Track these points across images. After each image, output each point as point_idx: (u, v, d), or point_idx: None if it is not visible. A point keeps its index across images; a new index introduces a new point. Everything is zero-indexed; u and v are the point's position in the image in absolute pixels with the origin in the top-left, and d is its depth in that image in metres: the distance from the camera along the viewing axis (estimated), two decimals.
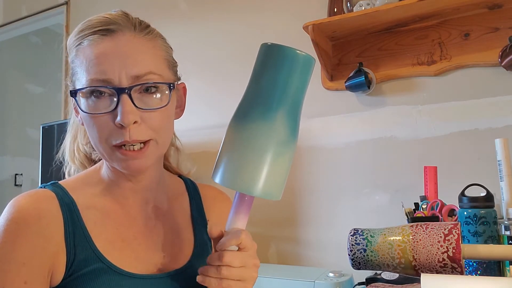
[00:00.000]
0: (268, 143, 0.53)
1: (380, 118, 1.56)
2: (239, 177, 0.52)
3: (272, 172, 0.53)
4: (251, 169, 0.52)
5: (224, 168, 0.54)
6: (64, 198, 0.64)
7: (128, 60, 0.60)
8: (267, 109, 0.53)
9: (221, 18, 1.94)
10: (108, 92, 0.60)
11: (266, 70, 0.55)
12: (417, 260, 0.66)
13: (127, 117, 0.58)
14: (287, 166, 0.55)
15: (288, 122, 0.54)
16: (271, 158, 0.53)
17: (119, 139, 0.60)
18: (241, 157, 0.53)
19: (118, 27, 0.64)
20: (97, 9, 2.47)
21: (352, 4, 1.51)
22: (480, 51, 1.40)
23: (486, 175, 1.13)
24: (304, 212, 1.67)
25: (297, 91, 0.56)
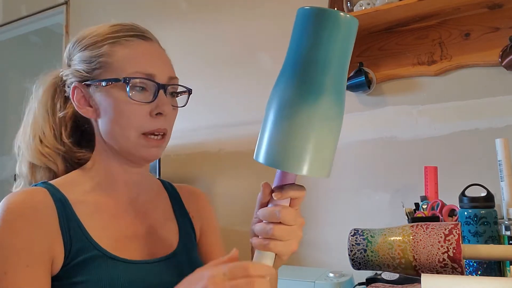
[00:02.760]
0: (314, 124, 0.49)
1: (380, 118, 1.56)
2: (284, 157, 0.50)
3: (318, 151, 0.50)
4: (296, 150, 0.49)
5: (268, 148, 0.51)
6: (56, 194, 0.67)
7: (165, 63, 0.73)
8: (311, 87, 0.49)
9: (221, 18, 1.94)
10: (149, 87, 0.69)
11: (306, 39, 0.50)
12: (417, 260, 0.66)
13: (168, 107, 0.69)
14: (334, 143, 0.52)
15: (335, 98, 0.51)
16: (316, 138, 0.50)
17: (152, 127, 0.68)
18: (285, 137, 0.50)
19: (150, 36, 0.74)
20: (97, 9, 2.49)
21: (352, 4, 1.51)
22: (480, 51, 1.40)
23: (487, 175, 1.13)
24: (304, 212, 1.67)
25: (342, 61, 0.51)
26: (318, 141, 0.50)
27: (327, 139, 0.51)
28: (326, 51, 0.49)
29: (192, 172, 1.98)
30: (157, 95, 0.68)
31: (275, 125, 0.51)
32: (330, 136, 0.51)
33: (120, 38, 0.70)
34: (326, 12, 0.49)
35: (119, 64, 0.68)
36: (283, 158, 0.50)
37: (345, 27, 0.50)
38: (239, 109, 1.84)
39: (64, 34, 2.46)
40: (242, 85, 1.84)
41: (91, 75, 0.70)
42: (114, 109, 0.68)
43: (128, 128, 0.68)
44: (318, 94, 0.49)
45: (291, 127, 0.49)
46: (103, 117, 0.70)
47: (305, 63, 0.50)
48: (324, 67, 0.49)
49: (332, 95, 0.50)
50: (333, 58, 0.50)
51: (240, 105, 1.84)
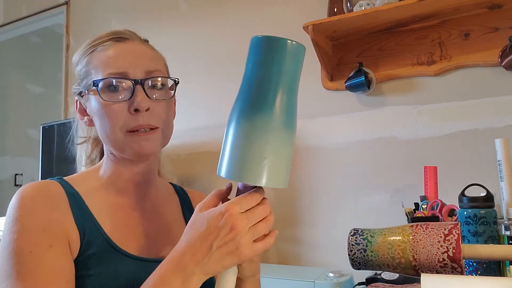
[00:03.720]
0: (267, 135, 0.54)
1: (380, 118, 1.56)
2: (243, 170, 0.54)
3: (274, 163, 0.54)
4: (254, 162, 0.54)
5: (229, 163, 0.55)
6: (68, 188, 0.69)
7: (141, 58, 0.72)
8: (263, 103, 0.54)
9: (221, 18, 1.94)
10: (123, 86, 0.69)
11: (258, 63, 0.56)
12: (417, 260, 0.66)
13: (143, 102, 0.68)
14: (288, 155, 0.56)
15: (285, 113, 0.55)
16: (271, 150, 0.54)
17: (134, 124, 0.68)
18: (243, 152, 0.54)
19: (128, 36, 0.74)
20: (97, 9, 2.49)
21: (352, 4, 1.51)
22: (480, 51, 1.40)
23: (486, 175, 1.13)
24: (304, 212, 1.67)
25: (290, 81, 0.56)
26: (272, 152, 0.54)
27: (280, 151, 0.55)
28: (274, 72, 0.55)
29: (192, 172, 1.98)
30: (133, 92, 0.69)
31: (231, 141, 0.56)
32: (283, 147, 0.55)
33: (97, 45, 0.73)
34: (275, 40, 0.56)
35: (95, 70, 0.71)
36: (241, 171, 0.54)
37: (291, 52, 0.56)
38: None
39: (64, 34, 2.46)
40: None
41: (82, 87, 0.74)
42: (98, 113, 0.71)
43: (113, 128, 0.69)
44: (268, 109, 0.54)
45: (245, 140, 0.54)
46: (95, 122, 0.73)
47: (256, 83, 0.55)
48: (272, 85, 0.55)
49: (283, 110, 0.55)
50: (281, 78, 0.55)
51: None
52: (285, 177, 0.57)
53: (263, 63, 0.56)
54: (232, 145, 0.55)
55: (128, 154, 0.71)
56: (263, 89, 0.55)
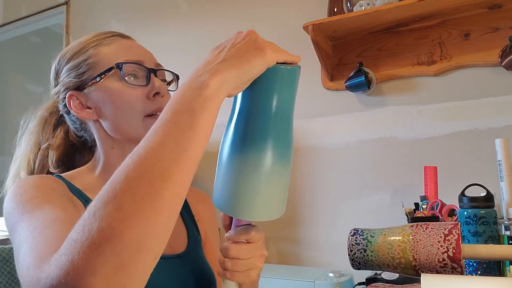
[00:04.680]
0: (260, 170, 0.51)
1: (380, 118, 1.56)
2: (236, 206, 0.52)
3: (268, 197, 0.52)
4: (247, 198, 0.51)
5: (222, 196, 0.53)
6: (69, 184, 0.70)
7: (149, 52, 0.76)
8: (255, 136, 0.51)
9: (221, 18, 1.94)
10: (140, 73, 0.71)
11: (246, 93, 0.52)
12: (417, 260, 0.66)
13: (163, 86, 0.72)
14: (284, 186, 0.54)
15: (280, 144, 0.52)
16: (265, 184, 0.52)
17: (154, 107, 0.70)
18: (236, 187, 0.52)
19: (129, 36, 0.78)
20: (97, 9, 2.49)
21: (352, 4, 1.51)
22: (480, 51, 1.40)
23: (486, 175, 1.13)
24: (304, 212, 1.67)
25: (285, 108, 0.52)
26: (267, 188, 0.51)
27: (275, 183, 0.52)
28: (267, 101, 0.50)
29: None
30: (149, 79, 0.71)
31: (225, 175, 0.53)
32: (277, 179, 0.52)
33: (102, 40, 0.74)
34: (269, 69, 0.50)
35: (107, 59, 0.71)
36: (234, 206, 0.52)
37: (284, 78, 0.51)
38: None
39: (64, 34, 2.46)
40: None
41: (82, 79, 0.73)
42: (114, 100, 0.70)
43: (132, 113, 0.70)
44: (261, 143, 0.50)
45: (239, 177, 0.51)
46: (105, 112, 0.71)
47: (247, 114, 0.51)
48: (265, 116, 0.51)
49: (277, 142, 0.51)
50: (275, 107, 0.51)
51: None
52: (279, 208, 0.55)
53: (253, 93, 0.51)
54: (224, 179, 0.53)
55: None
56: (255, 121, 0.51)
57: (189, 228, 0.81)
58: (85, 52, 0.73)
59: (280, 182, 0.53)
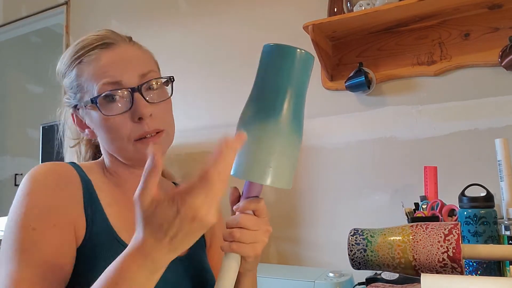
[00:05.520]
0: (275, 139, 0.57)
1: (380, 118, 1.56)
2: (250, 169, 0.56)
3: (280, 164, 0.57)
4: (262, 163, 0.56)
5: (237, 162, 0.57)
6: (82, 175, 0.69)
7: (131, 63, 0.70)
8: (273, 108, 0.58)
9: (220, 18, 1.94)
10: (120, 95, 0.68)
11: (268, 69, 0.59)
12: (417, 260, 0.66)
13: (145, 110, 0.67)
14: (294, 157, 0.59)
15: (293, 118, 0.59)
16: (279, 152, 0.57)
17: (140, 131, 0.68)
18: (252, 152, 0.56)
19: (112, 41, 0.72)
20: (97, 9, 2.49)
21: (352, 4, 1.51)
22: (480, 51, 1.40)
23: (486, 175, 1.13)
24: (304, 212, 1.67)
25: (299, 88, 0.59)
26: (279, 154, 0.57)
27: (287, 153, 0.58)
28: (284, 78, 0.58)
29: (192, 172, 1.98)
30: (133, 100, 0.67)
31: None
32: (290, 150, 0.58)
33: (83, 56, 0.70)
34: (285, 48, 0.58)
35: (87, 84, 0.69)
36: (248, 169, 0.56)
37: (300, 60, 0.58)
38: (239, 109, 1.84)
39: (64, 34, 2.46)
40: (242, 85, 1.84)
41: (76, 100, 0.73)
42: (101, 128, 0.70)
43: (120, 140, 0.68)
44: (278, 114, 0.57)
45: (255, 142, 0.56)
46: (99, 135, 0.72)
47: (267, 89, 0.59)
48: (282, 91, 0.58)
49: (290, 115, 0.58)
50: (291, 85, 0.58)
51: (240, 105, 1.84)
52: (289, 178, 0.59)
53: (273, 70, 0.59)
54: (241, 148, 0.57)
55: (138, 162, 0.70)
56: (274, 94, 0.58)
57: None
58: (72, 69, 0.72)
59: (292, 153, 0.59)
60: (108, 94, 0.67)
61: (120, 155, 0.71)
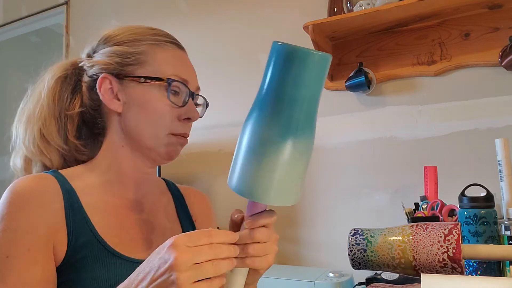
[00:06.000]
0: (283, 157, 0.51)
1: (380, 118, 1.56)
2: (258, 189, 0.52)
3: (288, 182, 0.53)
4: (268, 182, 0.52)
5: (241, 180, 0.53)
6: (64, 184, 0.67)
7: (195, 73, 0.77)
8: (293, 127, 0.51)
9: (220, 18, 1.94)
10: (184, 91, 0.71)
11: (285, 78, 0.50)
12: (417, 260, 0.66)
13: (196, 114, 0.73)
14: (303, 174, 0.55)
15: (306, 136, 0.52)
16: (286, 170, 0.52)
17: (181, 130, 0.71)
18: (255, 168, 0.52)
19: (182, 45, 0.78)
20: (97, 9, 2.49)
21: (352, 4, 1.51)
22: (480, 51, 1.40)
23: (486, 175, 1.13)
24: (304, 212, 1.67)
25: (317, 95, 0.52)
26: (287, 176, 0.52)
27: (296, 174, 0.53)
28: (301, 90, 0.50)
29: (192, 172, 1.98)
30: (187, 101, 0.71)
31: (247, 159, 0.53)
32: (300, 169, 0.53)
33: (160, 41, 0.72)
34: (304, 53, 0.49)
35: (158, 65, 0.70)
36: (253, 190, 0.52)
37: (319, 65, 0.50)
38: (239, 109, 1.85)
39: (64, 34, 2.45)
40: (242, 85, 1.84)
41: (124, 69, 0.70)
42: (148, 106, 0.69)
43: (159, 127, 0.69)
44: (290, 135, 0.50)
45: (261, 163, 0.51)
46: (133, 112, 0.70)
47: (279, 100, 0.50)
48: (298, 105, 0.50)
49: (305, 133, 0.52)
50: (307, 96, 0.51)
51: (240, 105, 1.84)
52: (297, 194, 0.55)
53: (291, 79, 0.50)
54: (245, 162, 0.52)
55: (157, 153, 0.71)
56: (282, 103, 0.50)
57: (186, 229, 0.79)
58: (140, 45, 0.71)
59: (300, 169, 0.53)
60: (177, 85, 0.70)
61: (145, 139, 0.70)
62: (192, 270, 0.49)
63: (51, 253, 0.61)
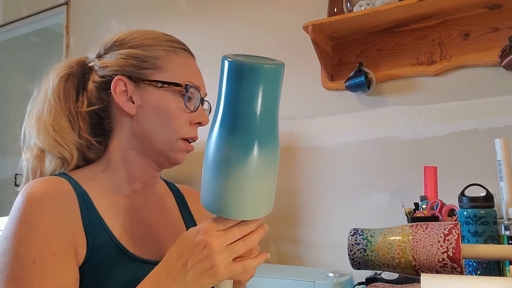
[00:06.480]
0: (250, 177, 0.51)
1: (380, 118, 1.56)
2: (222, 204, 0.53)
3: (256, 196, 0.53)
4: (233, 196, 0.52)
5: (209, 196, 0.54)
6: (77, 187, 0.66)
7: (203, 81, 0.79)
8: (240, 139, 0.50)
9: (220, 18, 1.94)
10: (196, 96, 0.74)
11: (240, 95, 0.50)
12: (417, 260, 0.66)
13: (207, 119, 0.76)
14: (271, 185, 0.55)
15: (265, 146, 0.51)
16: (252, 185, 0.52)
17: (192, 134, 0.74)
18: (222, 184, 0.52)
19: (193, 55, 0.80)
20: (97, 9, 2.49)
21: (352, 4, 1.51)
22: (480, 51, 1.40)
23: (486, 175, 1.13)
24: (304, 212, 1.67)
25: (275, 104, 0.52)
26: (256, 190, 0.52)
27: (265, 186, 0.53)
28: (257, 104, 0.50)
29: (192, 172, 1.98)
30: (198, 107, 0.74)
31: (213, 177, 0.53)
32: (268, 180, 0.53)
33: (175, 48, 0.74)
34: (249, 67, 0.49)
35: (174, 71, 0.72)
36: (224, 207, 0.53)
37: (271, 77, 0.50)
38: None
39: (64, 35, 2.46)
40: None
41: (140, 73, 0.71)
42: (165, 110, 0.70)
43: (171, 131, 0.71)
44: (252, 149, 0.50)
45: (228, 181, 0.51)
46: (147, 115, 0.70)
47: (236, 117, 0.50)
48: (256, 119, 0.50)
49: (268, 145, 0.51)
50: (264, 109, 0.50)
51: None
52: (268, 205, 0.55)
53: (246, 96, 0.50)
54: (211, 179, 0.53)
55: (167, 158, 0.73)
56: (240, 119, 0.50)
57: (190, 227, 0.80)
58: (156, 50, 0.72)
59: (268, 180, 0.53)
60: (192, 91, 0.72)
61: (156, 144, 0.71)
62: (226, 251, 0.53)
63: (74, 255, 0.61)
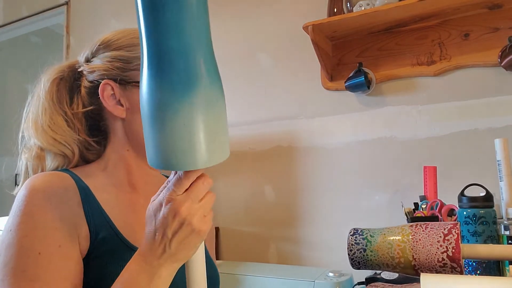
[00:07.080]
0: (196, 119, 0.45)
1: (380, 118, 1.56)
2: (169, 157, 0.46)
3: (201, 141, 0.46)
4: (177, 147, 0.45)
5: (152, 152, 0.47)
6: (79, 181, 0.66)
7: None
8: (183, 84, 0.44)
9: (220, 18, 1.94)
10: None
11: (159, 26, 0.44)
12: (416, 259, 0.66)
13: None
14: (224, 123, 0.49)
15: (210, 82, 0.46)
16: (195, 129, 0.45)
17: None
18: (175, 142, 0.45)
19: None
20: (97, 9, 2.48)
21: (352, 4, 1.51)
22: (480, 51, 1.40)
23: (486, 175, 1.14)
24: (304, 212, 1.68)
25: (200, 40, 0.45)
26: (200, 134, 0.45)
27: (215, 126, 0.47)
28: (182, 36, 0.43)
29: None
30: None
31: (151, 130, 0.47)
32: (218, 121, 0.47)
33: None
34: None
35: None
36: (170, 160, 0.46)
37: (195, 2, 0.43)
38: (239, 109, 1.85)
39: (64, 34, 2.46)
40: (242, 85, 1.84)
41: (126, 75, 0.69)
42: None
43: None
44: (192, 87, 0.44)
45: (173, 130, 0.45)
46: (136, 117, 0.69)
47: (165, 54, 0.43)
48: (184, 54, 0.43)
49: (208, 79, 0.45)
50: (193, 41, 0.44)
51: (240, 105, 1.84)
52: (225, 148, 0.49)
53: (157, 21, 0.44)
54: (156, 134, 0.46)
55: None
56: (163, 52, 0.44)
57: None
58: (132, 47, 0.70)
59: (211, 123, 0.47)
60: None
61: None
62: (199, 210, 0.52)
63: (78, 247, 0.61)
